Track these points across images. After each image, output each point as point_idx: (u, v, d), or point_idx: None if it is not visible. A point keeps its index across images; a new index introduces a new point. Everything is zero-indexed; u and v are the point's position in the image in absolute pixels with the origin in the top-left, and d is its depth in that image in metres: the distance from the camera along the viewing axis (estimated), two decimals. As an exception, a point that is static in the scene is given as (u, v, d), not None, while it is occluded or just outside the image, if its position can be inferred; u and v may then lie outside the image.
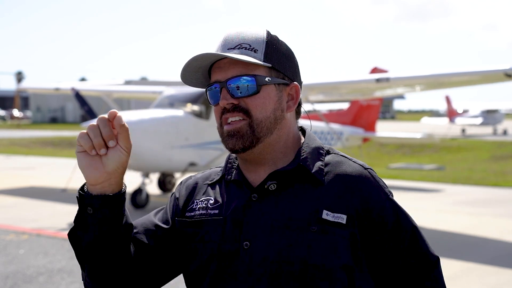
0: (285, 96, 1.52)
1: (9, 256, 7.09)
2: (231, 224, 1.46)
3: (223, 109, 1.48)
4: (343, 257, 1.41)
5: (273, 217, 1.44)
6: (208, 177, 1.62)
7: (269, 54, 1.48)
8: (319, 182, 1.47)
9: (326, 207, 1.43)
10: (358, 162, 1.53)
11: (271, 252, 1.41)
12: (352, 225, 1.43)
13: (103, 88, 15.55)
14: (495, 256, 7.24)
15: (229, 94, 1.46)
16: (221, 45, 1.49)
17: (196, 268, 1.48)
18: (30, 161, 20.54)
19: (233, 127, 1.47)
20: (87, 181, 1.41)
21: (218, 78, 1.48)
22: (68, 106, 63.27)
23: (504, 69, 9.08)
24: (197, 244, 1.49)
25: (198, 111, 11.22)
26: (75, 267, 6.55)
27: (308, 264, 1.39)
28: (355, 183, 1.47)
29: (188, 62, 1.48)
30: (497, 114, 42.45)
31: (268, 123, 1.47)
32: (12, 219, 9.60)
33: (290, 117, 1.54)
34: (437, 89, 12.85)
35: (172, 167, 10.94)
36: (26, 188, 13.36)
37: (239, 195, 1.50)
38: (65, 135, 34.77)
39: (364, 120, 16.80)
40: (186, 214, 1.55)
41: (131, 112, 11.45)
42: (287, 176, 1.48)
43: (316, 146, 1.55)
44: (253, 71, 1.46)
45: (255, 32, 1.50)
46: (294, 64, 1.55)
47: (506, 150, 23.97)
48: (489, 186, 13.93)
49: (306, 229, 1.41)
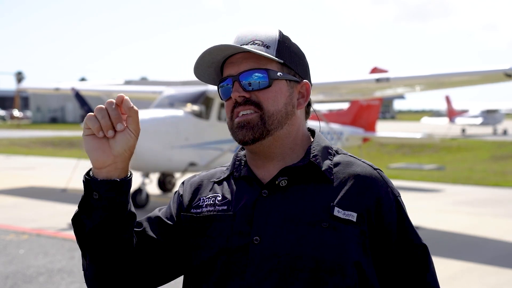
0: (296, 93, 1.54)
1: (9, 256, 7.09)
2: (240, 220, 1.47)
3: (235, 103, 1.50)
4: (354, 253, 1.42)
5: (283, 212, 1.45)
6: (213, 175, 1.62)
7: (281, 51, 1.51)
8: (328, 180, 1.49)
9: (337, 205, 1.45)
10: (367, 162, 1.56)
11: (282, 247, 1.42)
12: (362, 223, 1.45)
13: (103, 88, 15.54)
14: (495, 256, 7.24)
15: (241, 87, 1.48)
16: (235, 41, 1.52)
17: (203, 262, 1.48)
18: (30, 161, 20.54)
19: (243, 118, 1.48)
20: (93, 164, 1.40)
21: (231, 72, 1.51)
22: (68, 106, 63.28)
23: (504, 69, 9.08)
24: (204, 239, 1.49)
25: (198, 111, 11.22)
26: (75, 267, 6.55)
27: (319, 259, 1.40)
28: (365, 183, 1.49)
29: (202, 55, 1.50)
30: (497, 114, 42.45)
31: (279, 117, 1.49)
32: (12, 219, 9.60)
33: (300, 115, 1.57)
34: (437, 89, 12.85)
35: (172, 167, 10.94)
36: (26, 188, 13.36)
37: (249, 191, 1.51)
38: (65, 135, 34.77)
39: (364, 120, 16.80)
40: (192, 210, 1.56)
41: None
42: (298, 173, 1.50)
43: (326, 145, 1.57)
44: (265, 65, 1.49)
45: (268, 30, 1.53)
46: (305, 64, 1.58)
47: (506, 150, 23.97)
48: (489, 186, 13.93)
49: (317, 225, 1.43)
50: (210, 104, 11.41)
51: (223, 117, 11.76)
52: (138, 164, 10.48)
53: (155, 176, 12.79)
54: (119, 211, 1.42)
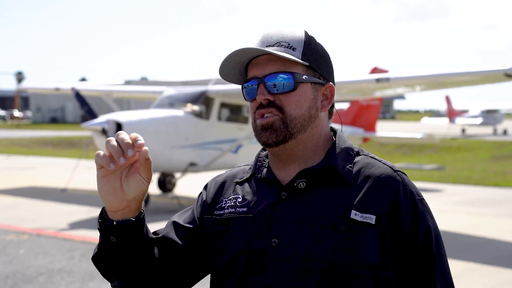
0: (320, 95, 1.54)
1: (9, 256, 7.09)
2: (259, 222, 1.48)
3: (259, 105, 1.50)
4: (372, 256, 1.42)
5: (301, 215, 1.46)
6: (236, 175, 1.64)
7: (307, 53, 1.50)
8: (347, 183, 1.49)
9: (355, 207, 1.45)
10: (387, 163, 1.55)
11: (299, 250, 1.43)
12: (381, 225, 1.44)
13: (103, 88, 15.54)
14: (495, 256, 7.24)
15: (266, 90, 1.48)
16: (260, 42, 1.51)
17: (225, 264, 1.51)
18: (30, 161, 20.54)
19: (266, 121, 1.48)
20: (108, 208, 1.42)
21: (256, 74, 1.51)
22: (68, 106, 63.26)
23: (504, 69, 9.08)
24: (225, 241, 1.52)
25: (198, 111, 11.22)
26: (75, 267, 6.55)
27: (336, 262, 1.41)
28: (384, 185, 1.49)
29: (228, 57, 1.50)
30: (497, 114, 42.45)
31: (302, 120, 1.50)
32: (12, 219, 9.60)
33: (323, 117, 1.57)
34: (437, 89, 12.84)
35: (172, 167, 10.94)
36: (26, 188, 13.35)
37: (268, 193, 1.52)
38: (65, 135, 34.77)
39: (364, 120, 16.80)
40: (215, 212, 1.58)
41: (131, 112, 11.45)
42: (317, 175, 1.50)
43: (346, 146, 1.56)
44: (291, 68, 1.49)
45: (294, 31, 1.52)
46: (329, 65, 1.58)
47: (506, 150, 23.97)
48: (489, 186, 13.93)
49: (334, 228, 1.43)
50: (210, 104, 11.41)
51: (223, 117, 11.76)
52: (138, 164, 10.46)
53: (155, 176, 12.78)
54: (139, 246, 1.45)
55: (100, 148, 11.07)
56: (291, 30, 1.53)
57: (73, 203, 11.13)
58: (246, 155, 11.94)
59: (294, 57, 1.47)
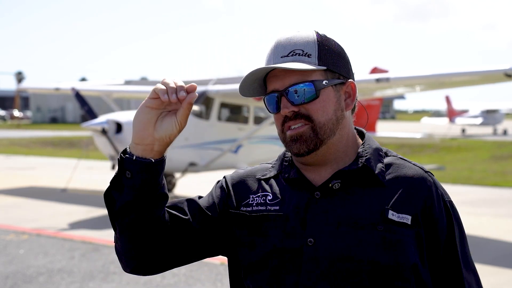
0: (343, 95, 1.54)
1: (9, 256, 7.09)
2: (293, 221, 1.48)
3: (285, 117, 1.50)
4: (411, 256, 1.43)
5: (338, 215, 1.46)
6: (257, 172, 1.63)
7: (322, 56, 1.50)
8: (381, 183, 1.50)
9: (391, 208, 1.46)
10: (417, 165, 1.56)
11: (337, 250, 1.43)
12: (417, 225, 1.46)
13: (103, 88, 15.53)
14: (495, 256, 7.24)
15: (289, 102, 1.48)
16: (273, 54, 1.51)
17: (256, 261, 1.50)
18: (30, 161, 20.54)
19: (295, 132, 1.48)
20: (134, 138, 1.44)
21: (276, 87, 1.50)
22: (68, 106, 63.26)
23: (504, 69, 9.08)
24: (256, 238, 1.51)
25: (198, 111, 11.22)
26: (75, 267, 6.56)
27: (376, 263, 1.41)
28: (418, 186, 1.50)
29: (245, 78, 1.50)
30: (497, 114, 42.43)
31: (331, 125, 1.50)
32: (12, 219, 9.60)
33: (349, 115, 1.57)
34: (437, 89, 12.84)
35: (172, 167, 10.94)
36: (26, 188, 13.35)
37: (300, 193, 1.51)
38: (65, 135, 34.77)
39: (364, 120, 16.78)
40: (242, 208, 1.57)
41: (131, 112, 11.45)
42: (351, 176, 1.50)
43: (376, 147, 1.57)
44: (310, 76, 1.48)
45: (305, 35, 1.51)
46: (346, 61, 1.56)
47: (506, 150, 23.97)
48: (489, 186, 13.93)
49: (373, 228, 1.44)
50: (210, 104, 11.41)
51: (223, 117, 11.76)
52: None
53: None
54: (151, 191, 1.44)
55: (100, 148, 11.08)
56: (302, 34, 1.51)
57: (73, 203, 11.13)
58: (246, 155, 11.94)
59: (310, 65, 1.47)
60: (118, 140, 10.14)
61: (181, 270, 6.38)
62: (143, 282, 6.04)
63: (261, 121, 12.29)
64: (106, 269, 6.50)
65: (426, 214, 1.47)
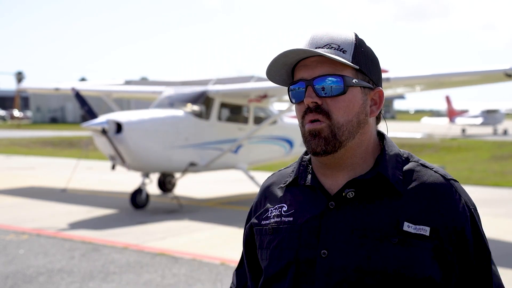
0: (369, 100, 1.50)
1: (9, 256, 7.09)
2: (307, 232, 1.46)
3: (306, 108, 1.46)
4: (427, 269, 1.39)
5: (351, 226, 1.42)
6: (281, 179, 1.62)
7: (357, 56, 1.46)
8: (398, 192, 1.45)
9: (407, 219, 1.41)
10: (439, 171, 1.50)
11: (351, 261, 1.40)
12: (437, 237, 1.41)
13: (103, 88, 15.53)
14: (495, 256, 7.14)
15: (315, 92, 1.44)
16: (309, 43, 1.47)
17: (273, 274, 1.50)
18: (30, 161, 20.54)
19: (314, 127, 1.45)
20: None
21: (304, 76, 1.46)
22: (68, 106, 63.25)
23: (504, 69, 9.07)
24: (272, 251, 1.51)
25: (198, 111, 11.22)
26: (75, 267, 6.56)
27: (388, 275, 1.38)
28: (438, 195, 1.45)
29: (276, 57, 1.46)
30: (497, 114, 42.41)
31: (350, 127, 1.45)
32: (12, 219, 9.60)
33: (372, 122, 1.53)
34: (437, 89, 12.83)
35: (172, 167, 10.94)
36: (26, 188, 13.35)
37: (315, 202, 1.49)
38: (65, 135, 34.77)
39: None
40: (262, 222, 1.57)
41: (131, 112, 11.45)
42: (366, 185, 1.46)
43: (395, 153, 1.52)
44: (341, 71, 1.44)
45: (344, 33, 1.49)
46: (378, 69, 1.54)
47: (506, 150, 23.96)
48: (489, 186, 13.93)
49: (386, 240, 1.40)
50: (210, 104, 11.41)
51: (223, 117, 11.75)
52: (138, 164, 10.47)
53: (155, 176, 12.78)
54: None
55: (100, 148, 11.08)
56: (341, 32, 1.49)
57: (73, 203, 11.13)
58: (246, 155, 11.94)
59: (344, 59, 1.43)
60: (118, 140, 10.14)
61: (181, 270, 6.39)
62: (143, 282, 6.04)
63: (261, 121, 12.28)
64: (106, 269, 6.50)
65: (450, 225, 1.42)
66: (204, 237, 8.21)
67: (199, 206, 11.12)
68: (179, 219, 9.60)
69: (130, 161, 10.37)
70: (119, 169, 12.32)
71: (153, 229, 8.68)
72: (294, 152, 13.13)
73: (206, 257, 6.98)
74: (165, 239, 7.99)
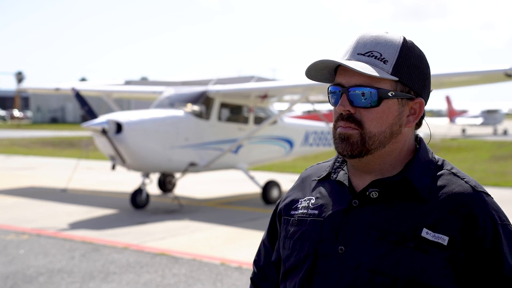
0: (407, 110, 1.48)
1: (9, 256, 7.09)
2: (328, 227, 1.48)
3: (339, 114, 1.47)
4: (439, 278, 1.38)
5: (370, 226, 1.43)
6: (317, 172, 1.64)
7: (399, 66, 1.43)
8: (422, 198, 1.43)
9: (427, 226, 1.40)
10: (470, 182, 1.47)
11: (364, 260, 1.41)
12: (455, 248, 1.39)
13: (103, 88, 15.53)
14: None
15: (348, 101, 1.44)
16: (353, 48, 1.46)
17: (293, 265, 1.53)
18: (30, 161, 20.54)
19: (345, 131, 1.45)
20: None
21: (342, 81, 1.47)
22: (68, 106, 63.26)
23: (504, 69, 9.08)
24: (295, 242, 1.54)
25: (198, 111, 11.22)
26: (75, 267, 6.56)
27: (400, 279, 1.38)
28: (462, 205, 1.42)
29: (313, 64, 1.47)
30: (497, 114, 42.42)
31: (382, 138, 1.45)
32: (12, 219, 9.60)
33: (408, 131, 1.51)
34: (437, 89, 12.83)
35: (172, 167, 10.94)
36: (26, 188, 13.35)
37: (341, 199, 1.50)
38: (65, 135, 34.77)
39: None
40: (291, 212, 1.60)
41: (131, 112, 11.45)
42: (391, 187, 1.46)
43: (427, 160, 1.51)
44: (378, 83, 1.43)
45: (390, 38, 1.45)
46: (424, 76, 1.49)
47: (506, 150, 23.96)
48: (489, 186, 13.92)
49: (402, 244, 1.40)
50: (210, 104, 11.41)
51: (223, 117, 11.76)
52: (138, 164, 10.47)
53: (155, 176, 12.78)
54: None
55: (100, 148, 11.08)
56: (388, 37, 1.45)
57: (73, 203, 11.13)
58: (246, 155, 11.94)
59: (381, 72, 1.41)
60: (118, 140, 10.14)
61: (181, 270, 6.39)
62: (143, 282, 6.04)
63: (261, 121, 12.29)
64: (106, 269, 6.50)
65: (469, 236, 1.39)
66: (204, 237, 8.21)
67: (199, 206, 11.12)
68: (179, 219, 9.61)
69: (130, 161, 10.37)
70: (119, 169, 12.32)
71: (153, 229, 8.68)
72: (294, 152, 13.13)
73: (206, 257, 6.98)
74: (165, 239, 7.99)
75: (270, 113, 12.68)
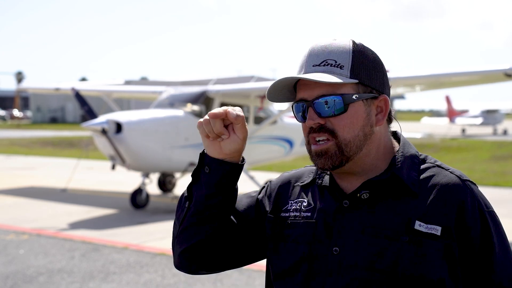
0: (374, 109, 1.49)
1: (9, 256, 7.09)
2: (321, 228, 1.49)
3: (310, 128, 1.47)
4: (437, 269, 1.39)
5: (364, 225, 1.44)
6: (300, 177, 1.63)
7: (356, 68, 1.45)
8: (412, 193, 1.45)
9: (419, 218, 1.42)
10: (455, 172, 1.50)
11: (360, 259, 1.42)
12: (448, 237, 1.41)
13: (103, 88, 15.53)
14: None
15: (316, 113, 1.45)
16: (306, 62, 1.47)
17: (288, 267, 1.52)
18: (30, 161, 20.54)
19: (320, 148, 1.46)
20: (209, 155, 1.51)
21: (305, 96, 1.47)
22: (68, 106, 63.27)
23: (504, 69, 9.08)
24: (290, 244, 1.53)
25: (198, 111, 11.23)
26: (75, 267, 6.56)
27: (399, 273, 1.39)
28: (451, 194, 1.44)
29: (273, 85, 1.48)
30: (497, 114, 42.45)
31: (358, 142, 1.46)
32: (12, 219, 9.60)
33: (380, 129, 1.52)
34: (437, 89, 12.85)
35: (172, 167, 10.94)
36: (26, 188, 13.35)
37: (331, 201, 1.51)
38: (65, 135, 34.77)
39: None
40: (281, 214, 1.58)
41: (131, 112, 11.45)
42: (381, 186, 1.47)
43: (411, 154, 1.53)
44: (340, 89, 1.44)
45: (340, 45, 1.46)
46: (381, 74, 1.51)
47: (506, 150, 23.97)
48: (489, 186, 13.92)
49: (397, 239, 1.41)
50: (210, 104, 11.41)
51: (223, 117, 11.75)
52: (138, 164, 10.48)
53: (155, 176, 12.78)
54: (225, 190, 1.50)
55: (100, 148, 11.08)
56: (338, 43, 1.46)
57: (73, 203, 11.13)
58: (246, 155, 11.91)
59: (341, 77, 1.42)
60: (118, 140, 10.14)
61: (181, 270, 6.38)
62: (143, 282, 6.04)
63: (261, 121, 12.29)
64: (106, 269, 6.50)
65: (459, 225, 1.41)
66: (204, 237, 8.20)
67: (199, 206, 11.12)
68: (179, 219, 9.60)
69: (130, 161, 10.37)
70: (119, 169, 12.32)
71: (153, 229, 8.67)
72: (294, 152, 13.13)
73: (206, 257, 6.98)
74: (165, 239, 7.99)
75: (270, 113, 12.68)
